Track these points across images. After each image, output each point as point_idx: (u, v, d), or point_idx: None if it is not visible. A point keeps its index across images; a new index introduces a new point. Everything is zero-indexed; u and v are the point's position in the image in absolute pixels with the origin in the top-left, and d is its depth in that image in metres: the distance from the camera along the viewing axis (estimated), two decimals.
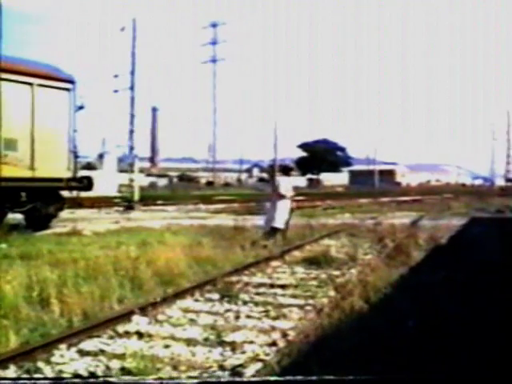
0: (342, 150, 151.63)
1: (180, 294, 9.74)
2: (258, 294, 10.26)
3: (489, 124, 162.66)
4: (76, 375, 6.21)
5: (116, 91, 42.30)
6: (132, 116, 40.81)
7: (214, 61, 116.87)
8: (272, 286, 10.97)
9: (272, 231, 17.13)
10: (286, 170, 18.46)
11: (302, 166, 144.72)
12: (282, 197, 17.34)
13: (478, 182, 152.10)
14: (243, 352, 7.01)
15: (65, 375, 6.23)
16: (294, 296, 10.10)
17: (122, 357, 6.71)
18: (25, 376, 6.07)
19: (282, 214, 17.27)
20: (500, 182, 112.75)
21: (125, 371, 6.24)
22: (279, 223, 17.23)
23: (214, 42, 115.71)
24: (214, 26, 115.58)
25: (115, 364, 6.50)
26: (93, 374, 6.26)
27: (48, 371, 6.33)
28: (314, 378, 2.27)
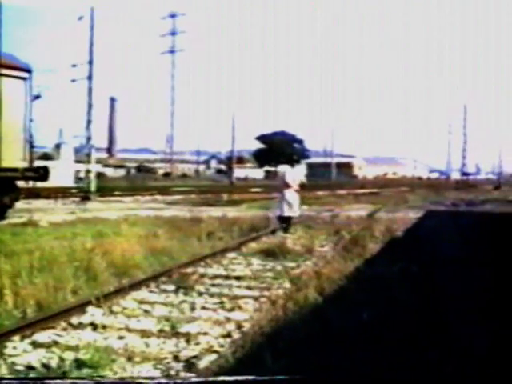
0: (300, 142, 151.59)
1: (135, 285, 9.70)
2: (213, 285, 10.27)
3: (445, 118, 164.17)
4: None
5: (74, 81, 41.89)
6: (89, 106, 40.46)
7: (172, 51, 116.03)
8: (228, 277, 10.99)
9: (281, 220, 17.84)
10: (291, 162, 18.68)
11: (260, 157, 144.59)
12: (288, 187, 17.91)
13: (434, 175, 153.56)
14: (198, 343, 7.02)
15: (17, 367, 6.18)
16: (249, 288, 10.13)
17: (75, 348, 6.67)
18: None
19: (289, 203, 17.86)
20: (456, 175, 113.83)
21: (79, 363, 6.20)
22: (288, 212, 17.90)
23: (173, 33, 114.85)
24: (173, 16, 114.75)
25: (69, 355, 6.45)
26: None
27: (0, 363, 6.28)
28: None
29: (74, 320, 7.86)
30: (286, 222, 17.65)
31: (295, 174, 18.44)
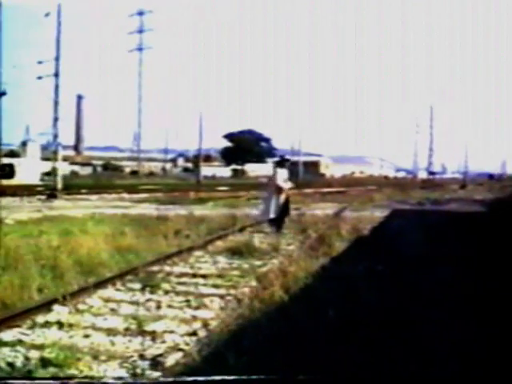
0: (267, 140, 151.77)
1: (101, 284, 9.69)
2: (179, 283, 10.27)
3: (412, 118, 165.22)
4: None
5: (40, 78, 41.57)
6: (56, 103, 40.18)
7: (140, 49, 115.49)
8: (194, 275, 10.99)
9: (270, 222, 17.63)
10: (282, 162, 18.56)
11: (227, 156, 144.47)
12: (279, 188, 17.70)
13: (401, 174, 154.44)
14: (164, 342, 7.03)
15: None
16: (215, 286, 10.15)
17: (41, 347, 6.65)
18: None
19: (277, 204, 17.68)
20: (422, 174, 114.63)
21: (44, 361, 6.19)
22: (274, 214, 17.65)
23: (140, 30, 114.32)
24: (141, 14, 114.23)
25: (34, 354, 6.43)
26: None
27: None
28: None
29: (40, 318, 7.83)
30: (278, 223, 17.61)
31: (285, 175, 18.38)
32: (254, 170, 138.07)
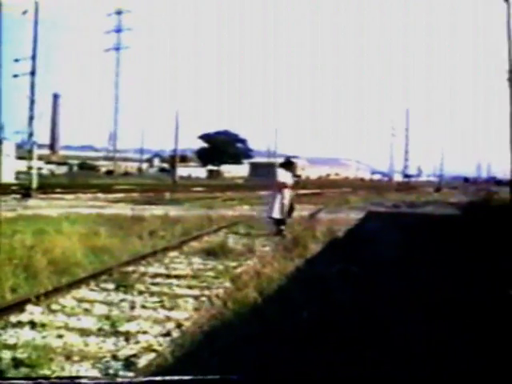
0: (243, 141, 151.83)
1: (75, 284, 9.67)
2: (154, 284, 10.27)
3: (388, 120, 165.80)
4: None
5: (16, 76, 41.30)
6: (32, 102, 39.96)
7: (117, 49, 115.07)
8: (168, 276, 11.00)
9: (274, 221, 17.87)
10: (287, 164, 18.63)
11: (203, 157, 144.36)
12: (283, 184, 18.31)
13: (377, 176, 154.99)
14: (137, 342, 7.03)
15: None
16: (189, 287, 10.16)
17: (13, 347, 6.63)
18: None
19: (280, 204, 17.99)
20: (398, 177, 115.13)
21: (16, 361, 6.17)
22: (277, 213, 17.93)
23: (118, 30, 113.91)
24: (119, 13, 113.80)
25: (6, 354, 6.41)
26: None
27: None
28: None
29: (13, 318, 7.80)
30: (281, 223, 17.69)
31: (289, 177, 18.53)
32: (229, 171, 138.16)
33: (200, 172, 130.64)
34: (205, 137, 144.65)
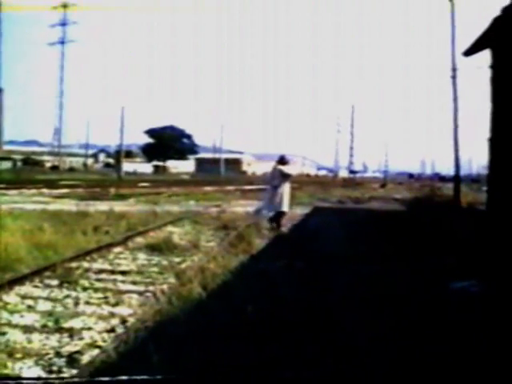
0: (189, 137, 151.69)
1: (18, 280, 9.58)
2: (98, 280, 10.23)
3: (334, 117, 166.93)
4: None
5: None
6: None
7: (62, 42, 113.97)
8: (113, 272, 10.97)
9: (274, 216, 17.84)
10: (282, 161, 18.50)
11: (149, 152, 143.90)
12: (287, 175, 18.06)
13: (323, 172, 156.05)
14: (81, 338, 7.01)
15: None
16: (134, 282, 10.15)
17: None
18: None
19: (284, 198, 17.93)
20: (343, 173, 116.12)
21: None
22: (284, 207, 18.04)
23: (63, 23, 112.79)
24: (65, 6, 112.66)
25: None
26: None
27: None
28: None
29: None
30: (279, 218, 17.73)
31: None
32: (175, 166, 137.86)
33: (146, 167, 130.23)
34: (151, 132, 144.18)
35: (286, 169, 18.05)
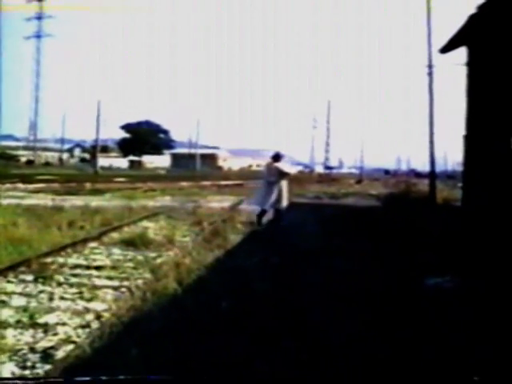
0: (165, 132, 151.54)
1: None
2: (73, 275, 10.19)
3: (310, 112, 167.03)
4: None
5: None
6: None
7: (38, 36, 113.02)
8: (88, 267, 10.93)
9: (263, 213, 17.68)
10: (277, 158, 18.40)
11: (125, 147, 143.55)
12: (285, 174, 17.83)
13: (298, 168, 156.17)
14: (56, 334, 6.99)
15: None
16: (109, 277, 10.12)
17: None
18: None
19: (284, 196, 17.78)
20: (319, 169, 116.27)
21: None
22: (284, 204, 17.89)
23: (39, 17, 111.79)
24: (40, 0, 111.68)
25: None
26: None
27: None
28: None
29: None
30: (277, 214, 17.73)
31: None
32: (151, 161, 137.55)
33: (121, 162, 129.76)
34: (127, 127, 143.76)
35: (285, 168, 18.01)
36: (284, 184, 17.68)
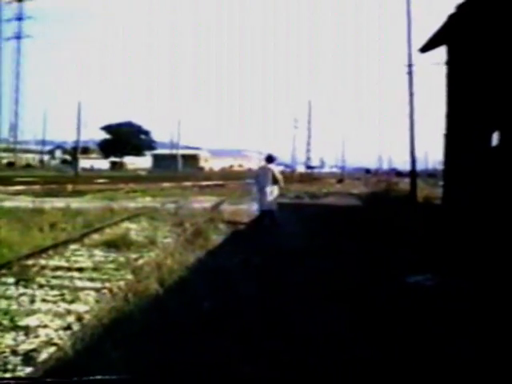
0: (146, 133, 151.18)
1: None
2: (54, 277, 10.16)
3: (291, 113, 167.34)
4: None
5: None
6: None
7: (18, 37, 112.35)
8: (69, 269, 10.90)
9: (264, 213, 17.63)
10: (270, 159, 18.35)
11: (106, 148, 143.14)
12: (275, 182, 17.73)
13: (280, 168, 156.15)
14: (37, 336, 6.97)
15: None
16: (90, 279, 10.10)
17: None
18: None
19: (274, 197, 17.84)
20: (301, 168, 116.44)
21: None
22: (273, 206, 17.85)
23: (19, 18, 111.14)
24: (20, 0, 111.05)
25: None
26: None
27: None
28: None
29: None
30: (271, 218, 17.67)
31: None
32: (133, 162, 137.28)
33: (102, 163, 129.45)
34: (108, 128, 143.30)
35: (279, 178, 17.98)
36: (275, 189, 17.75)
